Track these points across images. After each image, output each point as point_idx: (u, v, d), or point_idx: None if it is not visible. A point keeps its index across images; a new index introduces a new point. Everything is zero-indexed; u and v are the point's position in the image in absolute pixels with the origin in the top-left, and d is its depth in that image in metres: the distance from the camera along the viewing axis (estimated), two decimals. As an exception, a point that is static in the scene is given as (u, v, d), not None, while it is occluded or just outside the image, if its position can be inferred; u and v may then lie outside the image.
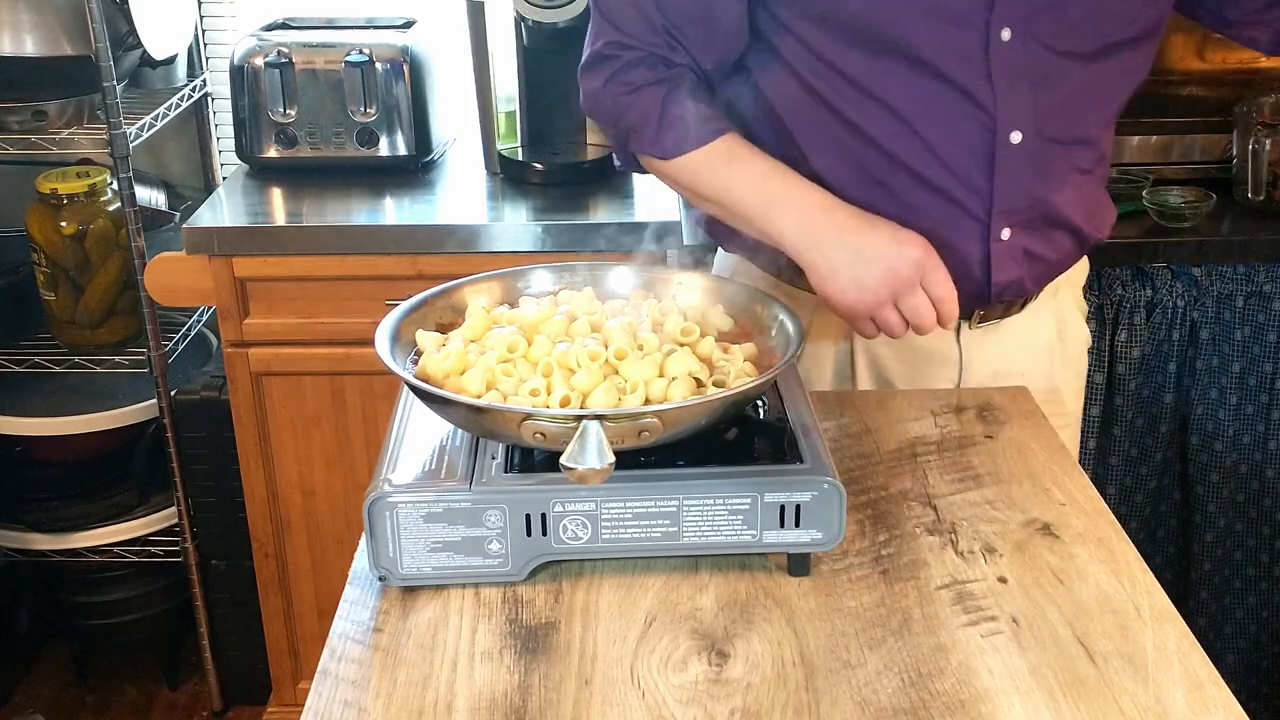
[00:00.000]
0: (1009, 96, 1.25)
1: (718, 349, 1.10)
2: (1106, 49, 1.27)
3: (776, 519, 1.01)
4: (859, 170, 1.28)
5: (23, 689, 2.53)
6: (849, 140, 1.28)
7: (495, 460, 1.03)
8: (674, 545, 1.02)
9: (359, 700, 0.91)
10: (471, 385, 1.03)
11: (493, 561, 1.01)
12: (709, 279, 1.21)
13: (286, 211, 2.12)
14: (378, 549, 1.00)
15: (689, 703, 0.90)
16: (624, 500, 1.00)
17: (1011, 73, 1.24)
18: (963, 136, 1.26)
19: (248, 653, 2.37)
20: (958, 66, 1.23)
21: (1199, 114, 2.14)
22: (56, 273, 2.18)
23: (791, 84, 1.29)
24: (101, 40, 2.00)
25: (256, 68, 2.13)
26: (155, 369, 2.18)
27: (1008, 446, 1.24)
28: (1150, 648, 0.96)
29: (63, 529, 2.31)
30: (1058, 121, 1.28)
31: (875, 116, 1.26)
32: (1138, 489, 2.11)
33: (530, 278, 1.22)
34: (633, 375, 1.03)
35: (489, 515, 1.00)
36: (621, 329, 1.08)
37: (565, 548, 1.01)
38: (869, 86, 1.25)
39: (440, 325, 1.15)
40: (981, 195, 1.28)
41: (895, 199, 1.28)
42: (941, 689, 0.92)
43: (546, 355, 1.05)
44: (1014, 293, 1.36)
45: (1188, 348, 2.03)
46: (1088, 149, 1.33)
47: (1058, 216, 1.32)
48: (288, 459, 2.13)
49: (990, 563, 1.06)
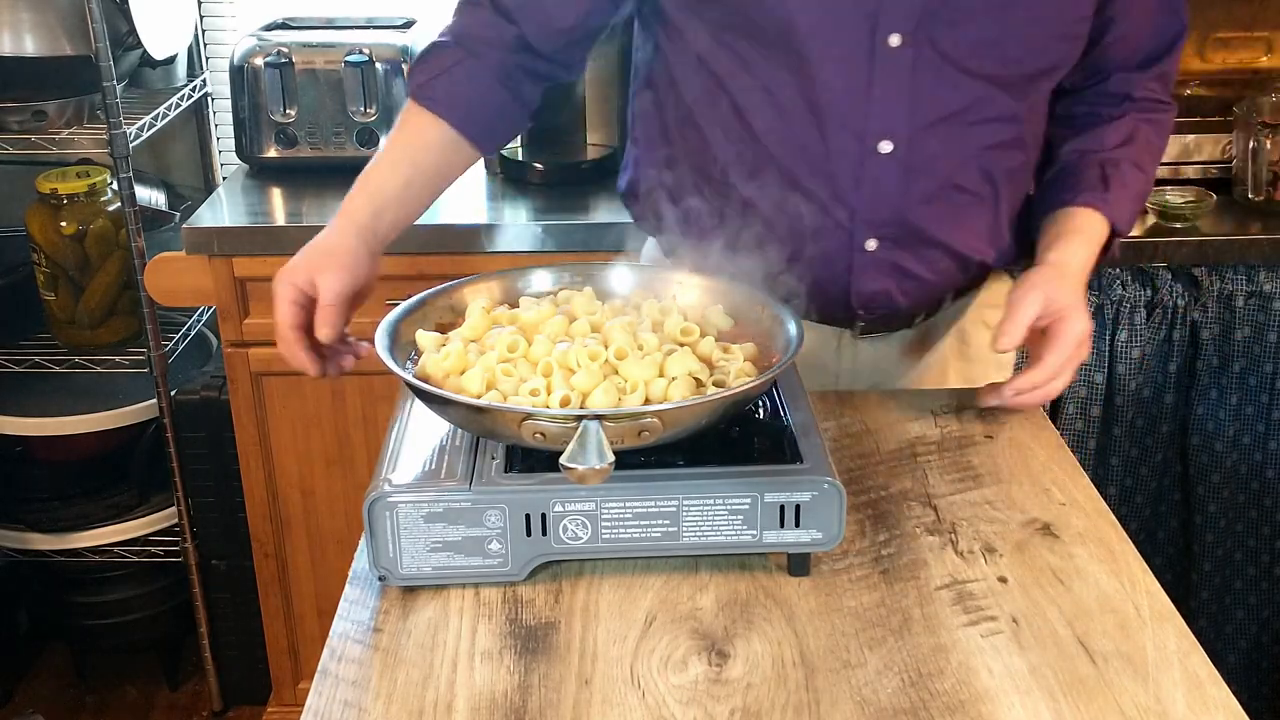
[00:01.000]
0: (885, 105, 1.23)
1: (718, 349, 1.10)
2: (1015, 78, 1.25)
3: (776, 519, 1.01)
4: (739, 160, 1.28)
5: (23, 689, 2.53)
6: (735, 125, 1.27)
7: (495, 460, 1.03)
8: (674, 545, 1.02)
9: (359, 700, 0.91)
10: (471, 385, 1.03)
11: (493, 561, 1.01)
12: (709, 279, 1.21)
13: (286, 211, 2.12)
14: (378, 549, 1.00)
15: (689, 703, 0.90)
16: (624, 500, 1.00)
17: (893, 81, 1.22)
18: (835, 140, 1.24)
19: (248, 653, 2.37)
20: (837, 67, 1.22)
21: (1199, 114, 2.14)
22: (56, 273, 2.18)
23: (689, 57, 1.29)
24: (101, 40, 2.00)
25: (256, 68, 2.13)
26: (155, 369, 2.18)
27: (1008, 446, 1.24)
28: (1150, 648, 0.96)
29: (63, 529, 2.31)
30: (939, 140, 1.25)
31: (759, 106, 1.25)
32: (1138, 489, 2.11)
33: (530, 278, 1.22)
34: (633, 375, 1.03)
35: (489, 515, 1.00)
36: (621, 329, 1.08)
37: (565, 548, 1.01)
38: (755, 73, 1.24)
39: (440, 325, 1.15)
40: (846, 203, 1.27)
41: (767, 193, 1.27)
42: (941, 689, 0.92)
43: (546, 355, 1.05)
44: (883, 305, 1.33)
45: (1188, 348, 2.03)
46: (978, 175, 1.29)
47: (928, 236, 1.30)
48: (288, 459, 2.14)
49: (990, 563, 1.06)
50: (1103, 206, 1.30)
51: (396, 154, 1.28)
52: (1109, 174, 1.31)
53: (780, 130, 1.25)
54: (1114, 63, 1.33)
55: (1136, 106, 1.35)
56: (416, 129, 1.29)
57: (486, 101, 1.30)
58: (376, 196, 1.24)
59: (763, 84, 1.24)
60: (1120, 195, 1.30)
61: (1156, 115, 1.36)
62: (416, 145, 1.29)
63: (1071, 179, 1.32)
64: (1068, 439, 1.93)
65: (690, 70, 1.29)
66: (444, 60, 1.29)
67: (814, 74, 1.22)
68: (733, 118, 1.27)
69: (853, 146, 1.24)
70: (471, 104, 1.29)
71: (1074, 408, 2.03)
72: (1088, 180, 1.31)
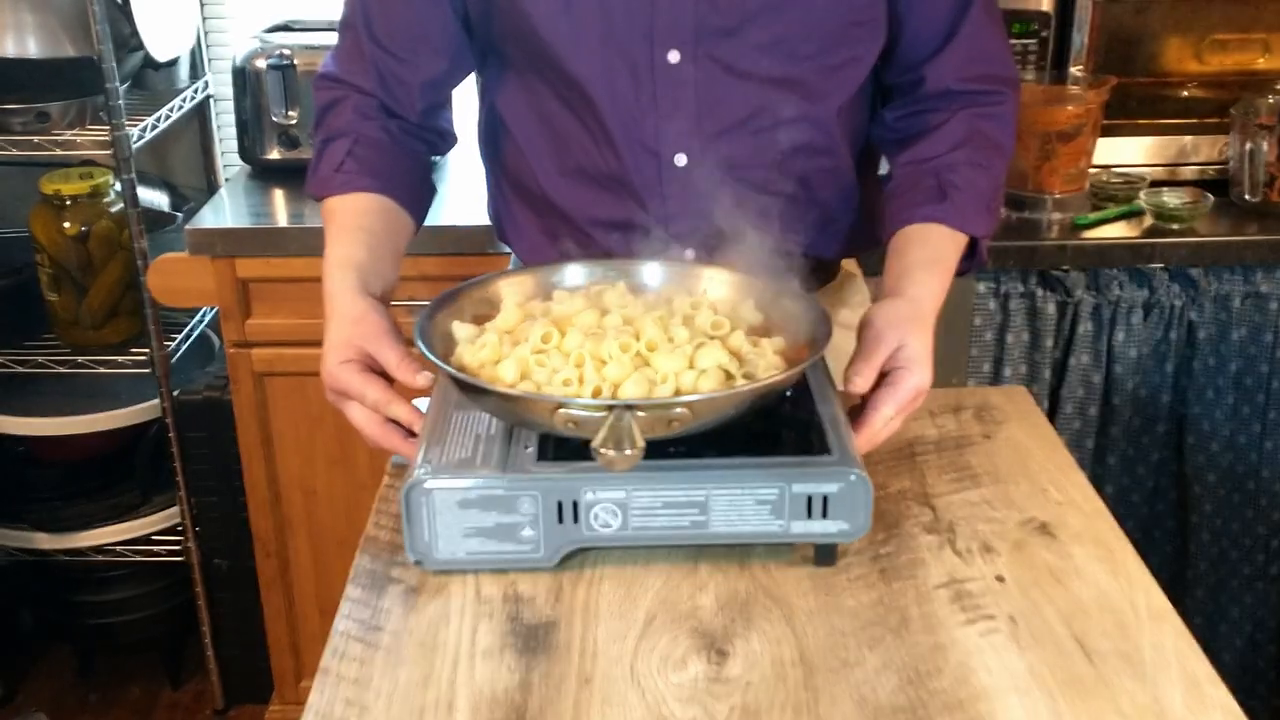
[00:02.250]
0: (673, 119, 1.24)
1: (747, 342, 1.11)
2: (813, 76, 1.25)
3: (804, 509, 1.02)
4: (563, 178, 1.31)
5: (26, 688, 2.54)
6: (552, 148, 1.30)
7: (528, 449, 1.04)
8: (702, 534, 1.03)
9: (360, 699, 0.92)
10: (506, 375, 1.05)
11: (525, 548, 1.03)
12: (739, 275, 1.22)
13: (289, 213, 2.13)
14: (413, 534, 1.02)
15: (689, 701, 0.91)
16: (653, 489, 1.01)
17: (678, 95, 1.23)
18: (631, 158, 1.26)
19: (250, 651, 2.37)
20: (621, 87, 1.23)
21: (1196, 115, 2.15)
22: (59, 273, 2.19)
23: (511, 91, 1.31)
24: (104, 42, 2.01)
25: (258, 70, 2.14)
26: (158, 369, 2.19)
27: (1005, 446, 1.25)
28: (1147, 647, 0.96)
29: (66, 528, 2.32)
30: (733, 148, 1.26)
31: (573, 132, 1.28)
32: (1135, 489, 2.12)
33: (563, 273, 1.23)
34: (663, 367, 1.04)
35: (522, 502, 1.01)
36: (653, 322, 1.10)
37: (595, 535, 1.03)
38: (567, 100, 1.27)
39: (475, 318, 1.17)
40: (657, 216, 1.28)
41: (587, 210, 1.30)
42: (939, 688, 0.92)
43: (579, 347, 1.06)
44: None
45: (1185, 348, 2.03)
46: (785, 179, 1.28)
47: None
48: (290, 459, 2.14)
49: (988, 562, 1.07)
50: (946, 218, 1.24)
51: (346, 235, 1.22)
52: (945, 180, 1.25)
53: (591, 152, 1.28)
54: (915, 45, 1.28)
55: (963, 103, 1.28)
56: (349, 211, 1.25)
57: (397, 163, 1.29)
58: (349, 264, 1.18)
59: (569, 109, 1.27)
60: (964, 200, 1.24)
61: (991, 108, 1.29)
62: (358, 216, 1.24)
63: (908, 193, 1.27)
64: (1065, 439, 1.93)
65: (511, 102, 1.32)
66: (337, 153, 1.27)
67: (597, 95, 1.24)
68: (550, 142, 1.30)
69: (650, 162, 1.26)
70: (384, 170, 1.28)
71: (1071, 407, 2.04)
72: (924, 192, 1.26)
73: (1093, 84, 2.02)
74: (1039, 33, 2.06)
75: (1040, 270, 1.99)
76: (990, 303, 2.00)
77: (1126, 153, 2.15)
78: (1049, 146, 2.01)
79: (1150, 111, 2.14)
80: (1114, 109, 2.04)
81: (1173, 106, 2.15)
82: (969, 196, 1.25)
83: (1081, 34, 2.06)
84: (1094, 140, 2.03)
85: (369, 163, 1.27)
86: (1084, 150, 2.03)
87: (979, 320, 2.01)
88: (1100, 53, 2.08)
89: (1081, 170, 2.04)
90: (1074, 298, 1.98)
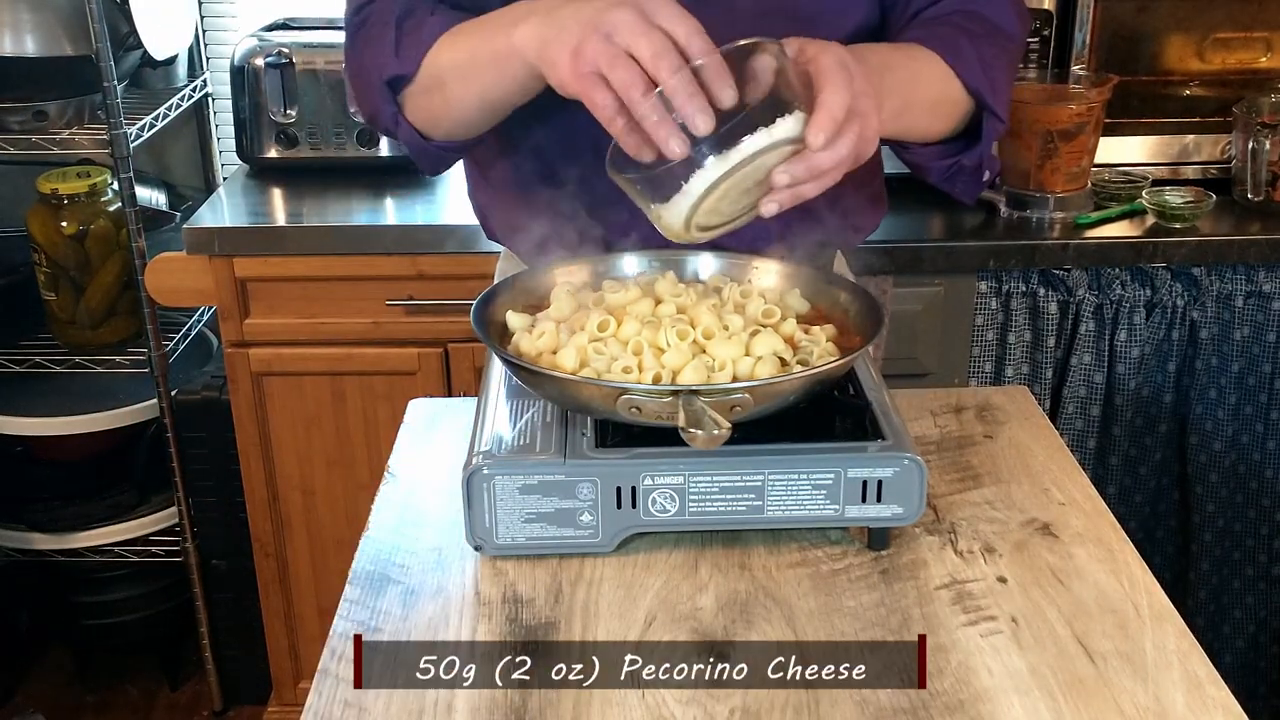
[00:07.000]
0: None
1: (799, 330, 1.12)
2: None
3: (859, 494, 1.03)
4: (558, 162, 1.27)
5: (24, 689, 2.54)
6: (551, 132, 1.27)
7: (586, 436, 1.05)
8: (758, 519, 1.04)
9: (359, 700, 0.92)
10: (566, 363, 1.05)
11: (584, 533, 1.04)
12: (785, 264, 1.22)
13: (287, 212, 2.13)
14: (474, 520, 1.04)
15: (689, 702, 0.90)
16: (711, 474, 1.02)
17: None
18: None
19: (248, 652, 2.37)
20: None
21: (1198, 114, 2.15)
22: (57, 273, 2.19)
23: None
24: (102, 40, 2.00)
25: (257, 68, 2.14)
26: (156, 369, 2.18)
27: (1007, 446, 1.25)
28: (1150, 647, 0.96)
29: (63, 529, 2.31)
30: None
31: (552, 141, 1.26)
32: (1137, 489, 2.12)
33: (611, 263, 1.24)
34: (720, 354, 1.05)
35: (581, 488, 1.03)
36: (708, 310, 1.11)
37: (653, 520, 1.04)
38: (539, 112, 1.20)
39: (526, 308, 1.18)
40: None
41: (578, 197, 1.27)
42: (941, 688, 0.92)
43: (636, 335, 1.07)
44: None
45: (1187, 348, 2.03)
46: None
47: None
48: (288, 459, 2.14)
49: (990, 562, 1.06)
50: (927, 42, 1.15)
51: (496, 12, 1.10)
52: (946, 34, 1.17)
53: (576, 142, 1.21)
54: None
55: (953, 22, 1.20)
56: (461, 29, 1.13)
57: None
58: None
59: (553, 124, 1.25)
60: (950, 36, 1.16)
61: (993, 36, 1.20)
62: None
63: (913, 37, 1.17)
64: (1067, 438, 1.93)
65: None
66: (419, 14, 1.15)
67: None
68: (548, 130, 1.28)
69: None
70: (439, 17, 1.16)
71: (1073, 407, 2.04)
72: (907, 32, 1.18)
73: (1095, 83, 2.01)
74: (1041, 31, 2.06)
75: (1042, 269, 1.98)
76: (992, 302, 1.99)
77: (1128, 152, 2.15)
78: (1051, 145, 2.00)
79: (1152, 110, 2.14)
80: (1116, 108, 2.04)
81: (1175, 105, 2.14)
82: (963, 41, 1.16)
83: (1083, 32, 2.06)
84: (1096, 139, 2.03)
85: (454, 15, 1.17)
86: (1086, 149, 2.02)
87: (980, 320, 2.00)
88: (1102, 51, 2.08)
89: (1083, 169, 2.04)
90: (1076, 297, 1.98)
